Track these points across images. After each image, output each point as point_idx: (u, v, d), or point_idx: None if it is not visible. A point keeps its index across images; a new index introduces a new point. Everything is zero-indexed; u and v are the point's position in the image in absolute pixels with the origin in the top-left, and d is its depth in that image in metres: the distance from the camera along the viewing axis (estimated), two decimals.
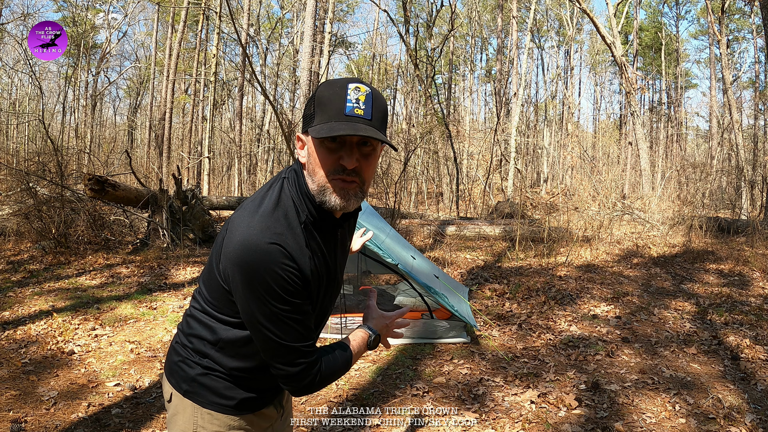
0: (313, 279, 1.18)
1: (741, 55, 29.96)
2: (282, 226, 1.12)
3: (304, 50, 12.12)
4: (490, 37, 32.95)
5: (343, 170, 1.13)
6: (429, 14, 26.69)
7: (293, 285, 1.11)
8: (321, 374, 1.22)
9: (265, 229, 1.10)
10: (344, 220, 1.29)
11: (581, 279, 6.57)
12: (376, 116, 1.13)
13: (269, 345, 1.16)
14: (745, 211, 13.79)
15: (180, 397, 1.29)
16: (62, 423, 2.97)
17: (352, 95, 1.10)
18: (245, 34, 19.01)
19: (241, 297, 1.13)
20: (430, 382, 3.61)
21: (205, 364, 1.27)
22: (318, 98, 1.13)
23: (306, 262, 1.14)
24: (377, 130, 1.12)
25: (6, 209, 9.11)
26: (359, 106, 1.10)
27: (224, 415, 1.27)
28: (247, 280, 1.10)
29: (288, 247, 1.10)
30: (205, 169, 17.94)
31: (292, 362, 1.18)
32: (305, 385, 1.21)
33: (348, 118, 1.09)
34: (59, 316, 4.72)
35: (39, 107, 21.35)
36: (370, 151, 1.15)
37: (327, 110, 1.10)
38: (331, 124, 1.09)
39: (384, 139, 1.11)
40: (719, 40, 15.93)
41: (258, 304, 1.11)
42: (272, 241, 1.09)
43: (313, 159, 1.15)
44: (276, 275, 1.09)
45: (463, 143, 21.58)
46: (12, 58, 26.31)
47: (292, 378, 1.20)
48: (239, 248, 1.10)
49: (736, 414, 3.11)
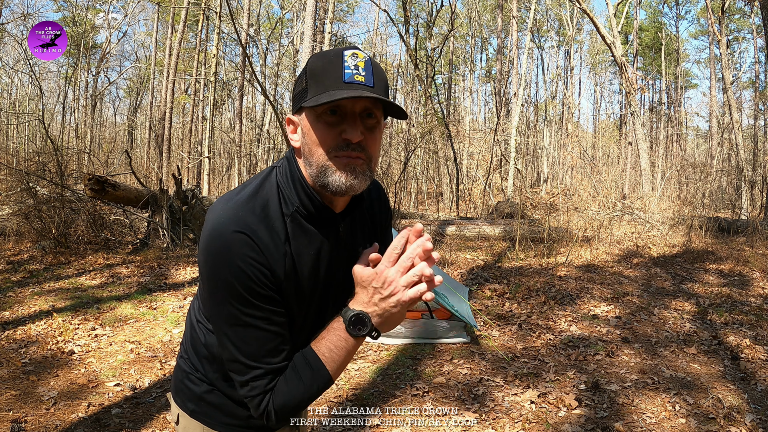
0: (289, 282, 1.00)
1: (741, 55, 29.99)
2: (255, 216, 0.96)
3: (304, 50, 12.11)
4: (490, 37, 32.99)
5: (347, 145, 0.96)
6: (429, 14, 26.71)
7: (259, 285, 0.95)
8: (276, 410, 0.99)
9: (234, 218, 0.95)
10: (346, 214, 1.09)
11: (581, 279, 6.57)
12: (378, 84, 0.97)
13: (225, 354, 1.00)
14: (745, 211, 13.79)
15: (188, 418, 1.17)
16: (62, 423, 2.97)
17: (349, 61, 0.95)
18: (245, 34, 19.02)
19: (205, 293, 1.00)
20: (430, 382, 3.61)
21: (210, 379, 1.14)
22: (310, 70, 0.97)
23: (279, 261, 0.97)
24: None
25: (6, 209, 9.11)
26: (359, 73, 0.95)
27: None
28: (208, 274, 0.96)
29: (256, 240, 0.94)
30: (205, 169, 17.95)
31: (246, 382, 0.99)
32: (260, 415, 1.00)
33: (348, 84, 0.93)
34: (59, 316, 4.72)
35: (39, 107, 21.34)
36: (374, 123, 0.99)
37: (322, 80, 0.94)
38: (330, 92, 0.93)
39: (392, 102, 0.96)
40: (719, 40, 15.94)
41: (217, 303, 0.97)
42: (238, 229, 0.93)
43: (310, 138, 0.98)
44: (238, 270, 0.93)
45: (463, 143, 21.60)
46: (12, 58, 26.34)
47: (247, 401, 1.01)
48: (205, 237, 0.96)
49: (736, 414, 3.11)
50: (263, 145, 24.21)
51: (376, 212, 1.21)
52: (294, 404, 1.00)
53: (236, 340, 0.97)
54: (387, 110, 1.01)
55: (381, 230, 1.24)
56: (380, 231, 1.23)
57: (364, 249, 1.15)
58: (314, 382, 1.00)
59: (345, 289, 1.16)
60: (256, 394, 0.99)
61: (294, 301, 1.03)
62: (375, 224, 1.21)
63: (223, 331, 0.98)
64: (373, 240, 1.20)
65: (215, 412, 1.15)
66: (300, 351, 1.03)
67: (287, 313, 1.02)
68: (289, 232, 1.00)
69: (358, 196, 1.10)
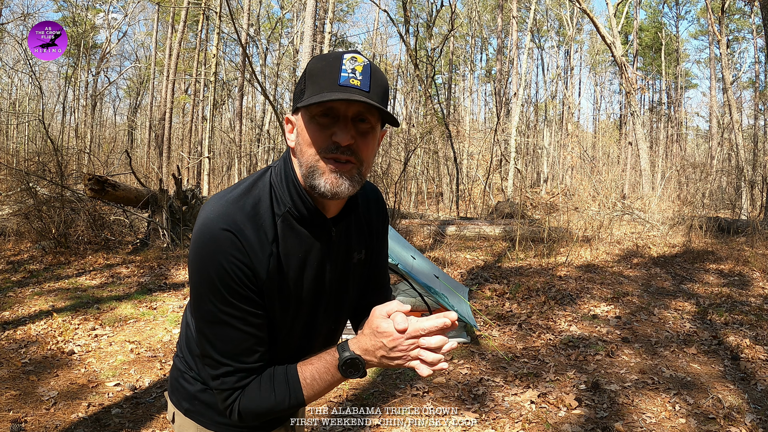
0: (272, 283, 1.00)
1: (741, 55, 29.99)
2: (244, 214, 0.97)
3: (304, 50, 12.11)
4: (490, 37, 32.98)
5: (337, 148, 0.96)
6: (429, 14, 26.70)
7: (239, 284, 0.96)
8: (240, 410, 1.01)
9: (223, 215, 0.96)
10: (339, 219, 1.09)
11: (581, 279, 6.57)
12: (375, 90, 0.96)
13: (200, 348, 1.03)
14: (745, 211, 13.79)
15: (182, 417, 1.18)
16: (62, 423, 2.97)
17: (347, 65, 0.95)
18: (245, 34, 19.02)
19: (190, 285, 1.01)
20: (430, 382, 3.61)
21: (204, 378, 1.15)
22: (309, 71, 0.98)
23: (263, 260, 0.98)
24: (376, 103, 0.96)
25: (6, 209, 9.11)
26: (355, 77, 0.94)
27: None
28: (193, 268, 0.98)
29: (242, 238, 0.96)
30: (205, 169, 17.94)
31: (216, 376, 1.01)
32: (224, 409, 1.03)
33: (342, 87, 0.93)
34: (59, 316, 4.72)
35: (39, 107, 21.35)
36: (367, 128, 0.98)
37: (319, 81, 0.95)
38: (323, 94, 0.93)
39: (383, 109, 0.96)
40: (719, 40, 15.94)
41: (197, 297, 0.99)
42: (225, 227, 0.95)
43: (303, 138, 0.98)
44: (220, 267, 0.95)
45: (463, 143, 21.59)
46: (12, 58, 26.33)
47: (216, 393, 1.03)
48: (195, 232, 0.98)
49: (736, 414, 3.11)
50: (263, 145, 24.21)
51: (372, 218, 1.20)
52: (259, 412, 1.01)
53: (211, 336, 0.99)
54: (384, 116, 1.00)
55: (377, 236, 1.22)
56: (376, 237, 1.22)
57: (359, 255, 1.16)
58: (286, 400, 1.01)
59: (337, 300, 1.15)
60: (225, 389, 1.01)
61: (277, 302, 1.03)
62: (371, 230, 1.20)
63: (199, 325, 1.01)
64: (368, 246, 1.19)
65: (209, 411, 1.15)
66: (285, 366, 1.03)
67: (269, 315, 1.03)
68: (279, 232, 1.01)
69: (352, 202, 1.10)
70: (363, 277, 1.23)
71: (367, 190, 1.21)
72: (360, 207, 1.16)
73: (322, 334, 1.17)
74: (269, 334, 1.06)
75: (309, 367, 1.01)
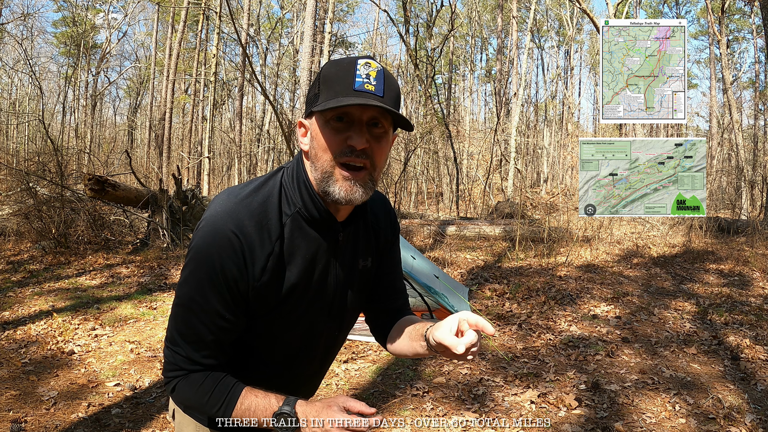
0: (269, 282, 1.02)
1: (741, 55, 29.98)
2: (249, 211, 1.00)
3: (304, 50, 12.12)
4: (490, 37, 32.97)
5: (352, 151, 0.99)
6: (429, 14, 26.71)
7: (224, 284, 0.99)
8: (176, 388, 1.05)
9: (230, 213, 0.99)
10: (348, 223, 1.11)
11: (581, 279, 6.57)
12: (389, 95, 0.99)
13: (168, 323, 1.07)
14: (745, 211, 13.79)
15: (182, 414, 1.18)
16: (62, 423, 2.97)
17: (362, 70, 0.98)
18: (245, 34, 19.02)
19: (182, 266, 1.05)
20: (430, 382, 3.61)
21: None
22: (323, 76, 1.01)
23: (260, 260, 1.00)
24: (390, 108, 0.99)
25: (6, 209, 9.11)
26: (370, 82, 0.98)
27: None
28: (191, 253, 1.02)
29: (242, 237, 0.98)
30: (205, 169, 17.96)
31: (171, 351, 1.05)
32: (165, 382, 1.08)
33: (357, 92, 0.96)
34: (59, 316, 4.72)
35: (39, 107, 21.34)
36: (381, 133, 1.01)
37: (333, 86, 0.98)
38: (339, 98, 0.96)
39: (398, 114, 0.99)
40: (719, 40, 15.94)
41: (182, 278, 1.03)
42: (228, 223, 0.98)
43: (318, 142, 1.01)
44: (213, 263, 0.99)
45: (463, 143, 21.59)
46: (12, 58, 26.33)
47: (164, 363, 1.08)
48: (202, 223, 1.01)
49: (736, 414, 3.11)
50: (263, 145, 24.21)
51: (381, 228, 1.22)
52: (189, 403, 1.08)
53: (180, 317, 1.04)
54: (396, 121, 1.03)
55: (386, 246, 1.25)
56: (384, 246, 1.24)
57: (365, 262, 1.17)
58: (215, 409, 1.03)
59: (340, 303, 1.15)
60: (171, 364, 1.05)
61: (275, 301, 1.04)
62: (379, 240, 1.22)
63: (175, 302, 1.05)
64: (375, 255, 1.21)
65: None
66: (236, 381, 1.04)
67: (252, 325, 1.06)
68: (286, 231, 1.03)
69: (361, 207, 1.12)
70: (371, 285, 1.24)
71: (376, 200, 1.23)
72: (368, 215, 1.18)
73: (324, 336, 1.18)
74: (267, 342, 1.10)
75: (252, 397, 1.02)
